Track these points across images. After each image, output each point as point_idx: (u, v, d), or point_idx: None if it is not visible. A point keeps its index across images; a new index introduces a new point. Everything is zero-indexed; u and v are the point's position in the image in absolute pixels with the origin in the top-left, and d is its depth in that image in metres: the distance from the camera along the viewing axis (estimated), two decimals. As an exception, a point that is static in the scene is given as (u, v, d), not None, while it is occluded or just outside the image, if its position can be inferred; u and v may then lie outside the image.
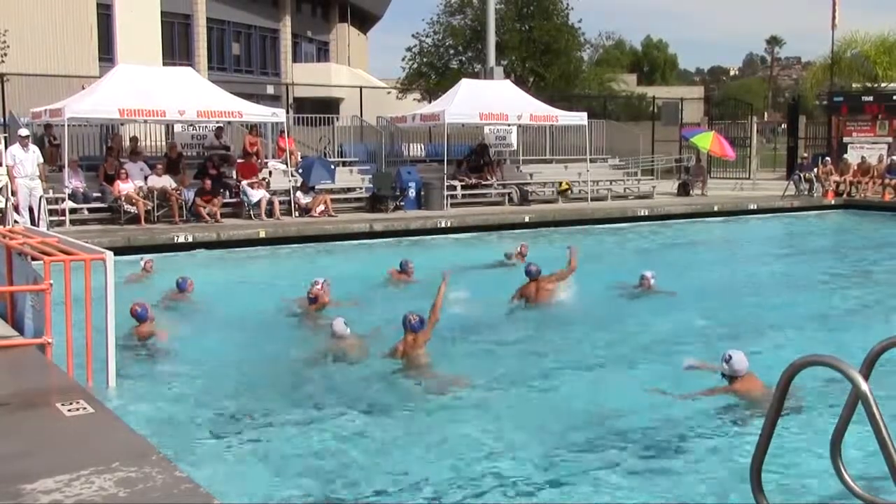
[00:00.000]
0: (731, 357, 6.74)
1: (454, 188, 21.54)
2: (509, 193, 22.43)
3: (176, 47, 37.95)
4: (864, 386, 2.43)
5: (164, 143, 21.06)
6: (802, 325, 9.90)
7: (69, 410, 4.62)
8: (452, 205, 21.08)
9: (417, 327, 7.72)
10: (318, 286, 9.91)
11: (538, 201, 22.79)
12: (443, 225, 18.55)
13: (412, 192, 20.63)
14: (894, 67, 30.47)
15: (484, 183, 22.43)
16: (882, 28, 33.69)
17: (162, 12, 32.83)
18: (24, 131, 16.27)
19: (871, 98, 27.54)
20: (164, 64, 28.62)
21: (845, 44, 31.19)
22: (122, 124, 19.93)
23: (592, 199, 23.26)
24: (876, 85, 29.95)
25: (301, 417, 6.65)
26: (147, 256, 13.06)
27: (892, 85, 29.46)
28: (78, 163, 18.08)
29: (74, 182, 17.35)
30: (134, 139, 19.79)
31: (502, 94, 22.65)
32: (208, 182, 17.99)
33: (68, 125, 17.32)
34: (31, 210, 15.90)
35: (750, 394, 6.70)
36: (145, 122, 19.54)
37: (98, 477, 3.59)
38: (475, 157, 22.90)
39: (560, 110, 23.37)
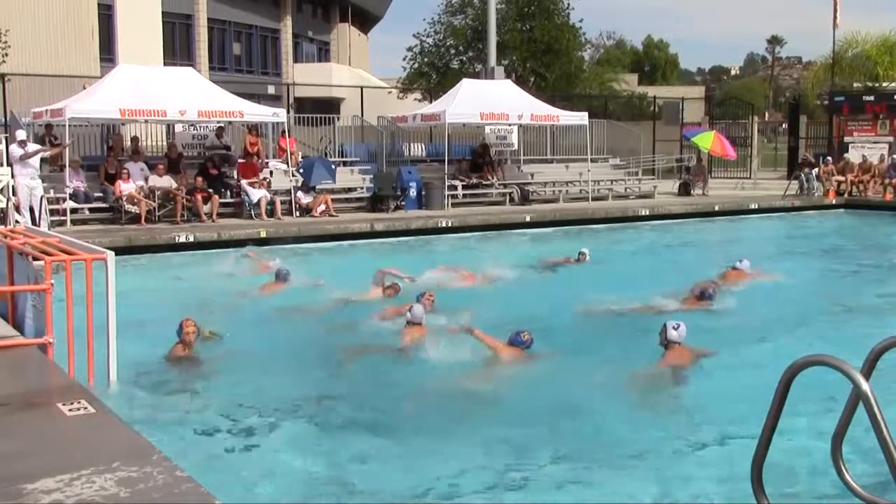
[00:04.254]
0: (679, 325, 7.42)
1: (455, 188, 21.55)
2: (510, 193, 22.44)
3: (177, 47, 38.00)
4: (864, 386, 2.43)
5: (164, 143, 21.05)
6: (803, 324, 9.87)
7: (70, 410, 4.61)
8: (453, 204, 21.09)
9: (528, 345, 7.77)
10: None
11: (539, 201, 22.80)
12: (443, 225, 18.54)
13: (413, 192, 20.63)
14: (895, 67, 30.43)
15: (485, 183, 22.43)
16: (883, 28, 33.58)
17: (163, 12, 32.90)
18: (21, 133, 16.16)
19: (872, 98, 27.54)
20: (165, 64, 28.67)
21: (846, 43, 31.13)
22: (122, 124, 19.92)
23: (593, 199, 23.27)
24: (877, 84, 29.90)
25: (306, 417, 6.65)
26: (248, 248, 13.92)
27: (893, 84, 29.41)
28: (79, 163, 18.06)
29: (75, 182, 17.34)
30: (135, 139, 19.77)
31: (503, 94, 22.64)
32: (199, 178, 17.98)
33: (69, 125, 17.31)
34: (31, 210, 15.89)
35: (680, 364, 7.31)
36: (146, 122, 19.55)
37: (99, 477, 3.59)
38: (476, 157, 22.90)
39: (561, 110, 23.36)
